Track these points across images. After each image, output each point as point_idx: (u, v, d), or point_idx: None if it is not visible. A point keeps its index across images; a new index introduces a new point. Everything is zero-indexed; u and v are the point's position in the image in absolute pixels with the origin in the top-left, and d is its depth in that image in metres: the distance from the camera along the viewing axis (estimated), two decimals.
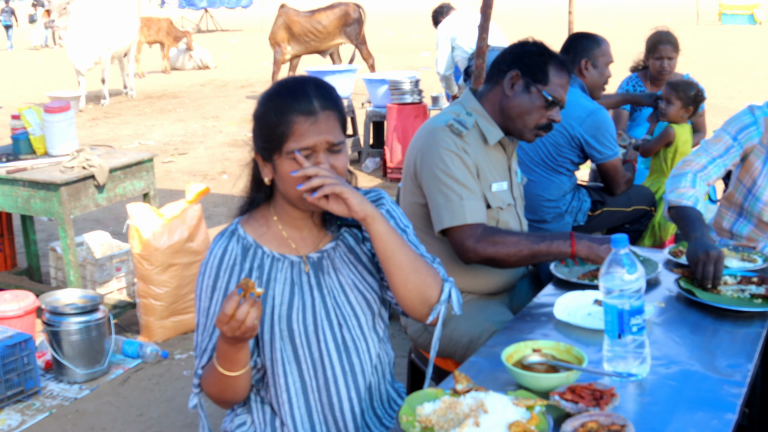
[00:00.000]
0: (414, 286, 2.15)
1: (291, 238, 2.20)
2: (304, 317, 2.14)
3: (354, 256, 2.25)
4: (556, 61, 3.01)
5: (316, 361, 2.16)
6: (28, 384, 4.23)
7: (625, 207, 4.43)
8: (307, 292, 2.16)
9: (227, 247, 2.14)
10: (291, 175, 2.04)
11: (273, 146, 2.07)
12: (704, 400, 2.08)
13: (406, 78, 9.06)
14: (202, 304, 2.15)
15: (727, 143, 3.34)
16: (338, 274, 2.21)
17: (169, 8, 39.10)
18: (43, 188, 4.80)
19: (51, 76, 20.30)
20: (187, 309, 4.98)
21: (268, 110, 2.08)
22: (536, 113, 3.01)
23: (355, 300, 2.21)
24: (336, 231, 2.24)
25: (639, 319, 2.16)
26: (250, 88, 17.41)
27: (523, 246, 2.88)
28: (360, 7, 14.81)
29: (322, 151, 2.05)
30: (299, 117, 2.03)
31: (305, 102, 2.04)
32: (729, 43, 22.38)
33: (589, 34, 4.54)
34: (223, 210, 7.98)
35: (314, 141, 2.03)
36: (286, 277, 2.16)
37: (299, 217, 2.19)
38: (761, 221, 3.33)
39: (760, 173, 3.31)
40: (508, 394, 1.99)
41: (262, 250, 2.16)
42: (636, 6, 37.99)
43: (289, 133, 2.03)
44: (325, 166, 2.04)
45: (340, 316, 2.18)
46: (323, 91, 2.09)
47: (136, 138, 11.93)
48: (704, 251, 2.78)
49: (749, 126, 3.33)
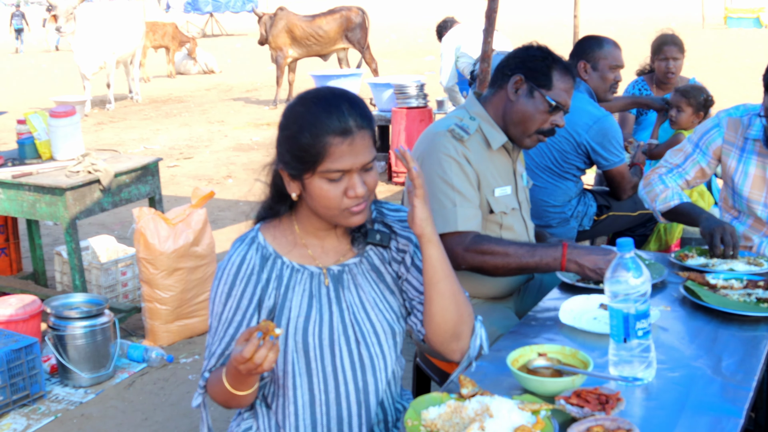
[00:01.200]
0: (451, 317, 2.13)
1: (312, 248, 2.16)
2: (321, 331, 2.10)
3: (377, 274, 2.21)
4: (560, 65, 3.01)
5: (329, 376, 2.13)
6: (34, 388, 4.23)
7: (631, 211, 4.43)
8: (325, 306, 2.12)
9: (246, 255, 2.11)
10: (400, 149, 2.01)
11: (305, 166, 2.00)
12: (710, 405, 2.07)
13: (412, 82, 9.07)
14: (215, 308, 2.13)
15: (687, 152, 3.51)
16: (359, 290, 2.17)
17: (174, 13, 39.17)
18: (49, 193, 4.80)
19: (57, 81, 20.34)
20: (193, 313, 4.99)
21: (301, 129, 1.99)
22: (540, 118, 3.00)
23: (375, 318, 2.17)
24: (362, 248, 2.20)
25: (645, 323, 2.16)
26: (255, 92, 17.44)
27: (511, 259, 2.86)
28: (363, 11, 14.83)
29: (356, 172, 2.00)
30: (336, 138, 1.96)
31: (341, 121, 1.97)
32: (735, 46, 22.35)
33: (595, 36, 4.53)
34: (229, 214, 7.99)
35: (351, 164, 1.98)
36: (304, 288, 2.12)
37: (323, 227, 2.15)
38: (757, 219, 3.37)
39: (735, 170, 3.39)
40: (514, 399, 1.98)
41: (281, 260, 2.13)
42: (641, 10, 37.96)
43: (325, 155, 1.96)
44: (362, 189, 2.00)
45: (358, 333, 2.14)
46: (357, 108, 2.02)
47: (142, 142, 11.95)
48: (719, 224, 3.04)
49: (710, 129, 3.46)
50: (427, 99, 9.08)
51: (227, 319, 2.11)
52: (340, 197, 2.00)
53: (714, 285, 2.81)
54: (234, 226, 7.55)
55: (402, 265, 2.22)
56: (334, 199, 2.00)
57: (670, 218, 3.47)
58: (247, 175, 9.72)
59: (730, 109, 3.47)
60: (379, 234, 2.18)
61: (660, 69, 5.54)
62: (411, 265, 2.21)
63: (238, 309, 2.10)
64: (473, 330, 2.20)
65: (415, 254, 2.21)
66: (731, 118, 3.41)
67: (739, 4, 29.64)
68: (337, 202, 2.01)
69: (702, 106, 4.88)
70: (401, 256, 2.22)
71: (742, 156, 3.37)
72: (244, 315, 2.10)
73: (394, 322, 2.20)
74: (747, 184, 3.36)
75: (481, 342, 2.21)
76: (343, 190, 2.00)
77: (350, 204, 2.01)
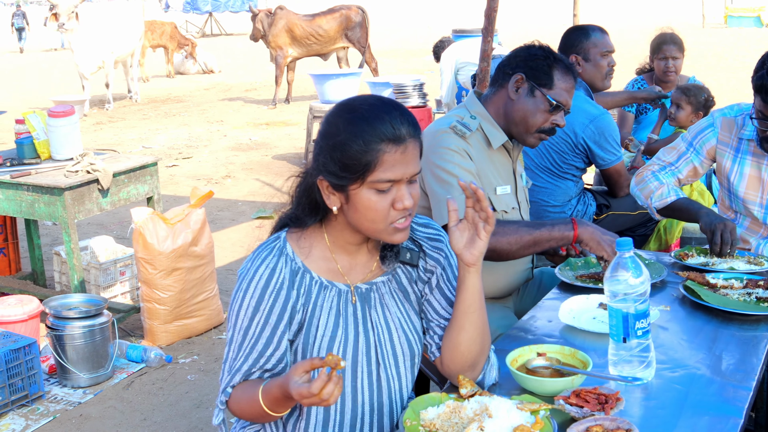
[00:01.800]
0: (475, 348, 2.10)
1: (341, 264, 2.09)
2: (344, 352, 2.06)
3: (404, 294, 2.17)
4: (561, 65, 3.00)
5: (347, 396, 2.08)
6: (32, 388, 4.22)
7: (631, 211, 4.42)
8: (351, 325, 2.07)
9: (275, 268, 2.02)
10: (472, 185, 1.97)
11: (354, 176, 1.92)
12: (710, 404, 2.07)
13: (411, 81, 9.06)
14: (240, 321, 2.03)
15: (680, 151, 3.50)
16: (385, 310, 2.12)
17: (173, 12, 39.14)
18: (47, 192, 4.79)
19: (57, 81, 20.34)
20: (191, 313, 4.98)
21: (353, 136, 1.91)
22: (540, 117, 2.99)
23: (398, 339, 2.13)
24: (392, 266, 2.14)
25: (644, 323, 2.15)
26: (255, 92, 17.43)
27: (523, 232, 2.87)
28: (363, 10, 14.82)
29: (404, 183, 1.95)
30: (389, 146, 1.90)
31: (395, 128, 1.91)
32: (735, 45, 22.34)
33: (579, 26, 4.52)
34: (228, 214, 7.98)
35: (402, 173, 1.92)
36: (331, 306, 2.06)
37: (355, 242, 2.08)
38: (754, 219, 3.35)
39: (730, 170, 3.38)
40: (513, 399, 1.98)
41: (310, 275, 2.05)
42: (641, 9, 37.96)
43: (377, 163, 1.90)
44: (409, 201, 1.94)
45: (380, 354, 2.10)
46: (408, 116, 1.96)
47: (141, 142, 11.95)
48: (720, 220, 3.04)
49: (705, 129, 3.45)
50: (426, 98, 9.08)
51: (255, 334, 2.02)
52: (388, 209, 1.94)
53: (714, 284, 2.81)
54: (233, 227, 7.55)
55: (427, 285, 2.19)
56: (381, 211, 1.94)
57: (666, 214, 3.47)
58: (246, 174, 9.71)
59: (724, 109, 3.45)
60: (410, 253, 2.14)
61: (659, 68, 5.53)
62: (435, 287, 2.18)
63: (266, 324, 2.01)
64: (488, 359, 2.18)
65: (441, 276, 2.18)
66: (725, 118, 3.40)
67: (739, 3, 29.64)
68: (384, 214, 1.94)
69: (702, 105, 4.87)
70: (428, 276, 2.19)
71: (737, 156, 3.35)
72: (273, 330, 2.01)
73: (415, 343, 2.17)
74: (742, 185, 3.34)
75: (496, 374, 2.20)
76: (390, 201, 1.94)
77: (397, 217, 1.96)
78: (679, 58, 5.48)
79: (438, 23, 27.70)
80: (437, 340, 2.18)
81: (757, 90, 3.09)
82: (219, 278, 5.59)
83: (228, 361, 2.07)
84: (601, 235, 2.85)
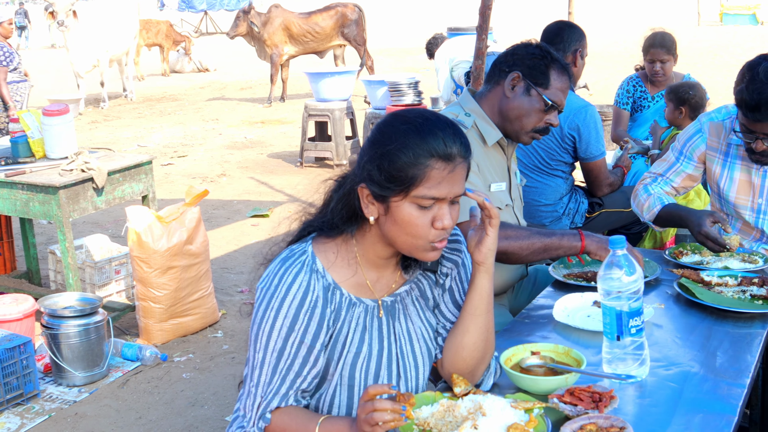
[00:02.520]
0: (478, 354, 2.09)
1: (369, 278, 2.05)
2: (368, 368, 2.03)
3: (425, 301, 2.15)
4: (558, 65, 2.99)
5: None
6: (28, 387, 4.22)
7: (624, 208, 4.42)
8: (375, 339, 2.04)
9: (309, 287, 1.96)
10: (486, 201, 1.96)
11: (398, 188, 1.88)
12: (704, 402, 2.07)
13: (406, 79, 9.05)
14: (273, 343, 1.96)
15: (670, 161, 3.49)
16: (408, 321, 2.10)
17: (168, 11, 39.06)
18: (42, 191, 4.79)
19: (53, 79, 20.29)
20: (187, 312, 4.97)
21: (403, 147, 1.87)
22: (535, 116, 2.99)
23: (419, 351, 2.11)
24: (414, 274, 2.12)
25: (638, 321, 2.15)
26: (250, 90, 17.41)
27: (535, 239, 2.88)
28: (359, 8, 14.82)
29: (447, 203, 1.91)
30: (438, 162, 1.87)
31: (448, 146, 1.88)
32: (731, 43, 22.35)
33: (572, 24, 4.54)
34: (223, 212, 7.98)
35: (446, 192, 1.89)
36: (358, 322, 2.02)
37: (385, 256, 2.03)
38: (745, 223, 3.33)
39: (720, 176, 3.35)
40: (507, 397, 1.98)
41: (340, 292, 2.00)
42: (637, 7, 37.95)
43: (423, 177, 1.86)
44: (449, 221, 1.91)
45: (401, 367, 2.08)
46: (462, 137, 1.92)
47: (136, 141, 11.93)
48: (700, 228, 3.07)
49: (693, 135, 3.43)
50: (421, 96, 9.07)
51: (290, 354, 1.95)
52: (428, 226, 1.90)
53: (708, 282, 2.81)
54: (228, 225, 7.54)
55: (441, 287, 2.18)
56: (421, 227, 1.90)
57: (661, 224, 3.44)
58: (242, 173, 9.71)
59: (711, 113, 3.42)
60: None
61: (648, 70, 5.56)
62: (447, 289, 2.17)
63: (302, 344, 1.95)
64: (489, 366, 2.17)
65: (455, 279, 2.16)
66: (713, 122, 3.37)
67: (734, 1, 29.61)
68: (424, 231, 1.91)
69: (683, 101, 4.89)
70: (443, 279, 2.17)
71: (727, 161, 3.33)
72: (310, 350, 1.96)
73: (434, 349, 2.16)
74: (733, 190, 3.32)
75: (495, 380, 2.20)
76: (430, 219, 1.90)
77: (436, 236, 1.92)
78: (668, 60, 5.46)
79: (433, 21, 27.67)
80: (440, 342, 2.17)
81: (738, 104, 3.05)
82: (214, 277, 5.58)
83: (261, 385, 1.98)
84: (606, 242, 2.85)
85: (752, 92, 2.95)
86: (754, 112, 2.98)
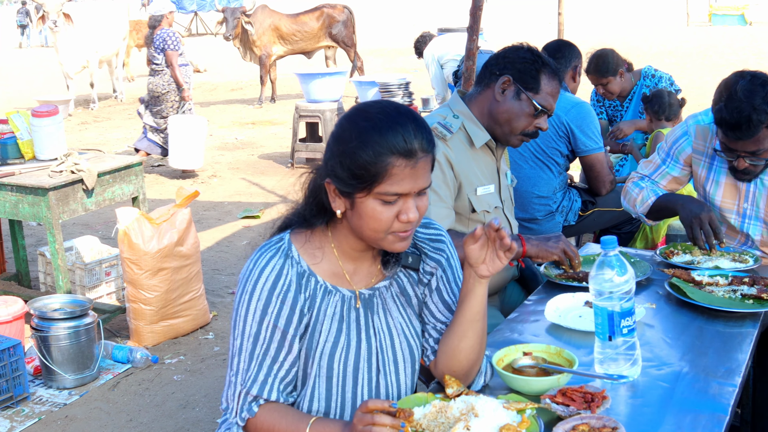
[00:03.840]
0: (473, 357, 2.10)
1: (346, 269, 2.06)
2: (347, 359, 2.03)
3: (406, 298, 2.15)
4: (548, 69, 2.98)
5: (347, 402, 2.05)
6: (17, 390, 4.20)
7: (616, 207, 4.44)
8: (353, 331, 2.05)
9: (282, 271, 1.98)
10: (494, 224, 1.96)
11: (361, 185, 1.89)
12: (696, 402, 2.07)
13: (396, 80, 9.07)
14: (248, 327, 1.98)
15: (656, 163, 3.48)
16: (387, 316, 2.10)
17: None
18: (32, 193, 4.77)
19: (42, 80, 20.23)
20: (178, 313, 4.96)
21: (363, 145, 1.87)
22: (524, 120, 2.98)
23: (399, 345, 2.11)
24: (393, 270, 2.12)
25: (629, 321, 2.16)
26: (240, 91, 17.39)
27: None
28: (348, 9, 14.82)
29: (412, 197, 1.91)
30: (399, 160, 1.86)
31: (408, 142, 1.86)
32: (720, 44, 22.43)
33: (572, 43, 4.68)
34: (214, 213, 7.96)
35: (409, 188, 1.88)
36: (335, 311, 2.03)
37: (360, 249, 2.05)
38: (731, 226, 3.32)
39: (706, 179, 3.33)
40: (499, 398, 1.98)
41: (315, 279, 2.02)
42: (625, 8, 38.07)
43: (385, 175, 1.86)
44: (415, 215, 1.91)
45: (380, 361, 2.08)
46: (424, 130, 1.91)
47: (126, 142, 11.89)
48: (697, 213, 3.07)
49: (680, 138, 3.40)
50: (412, 97, 9.09)
51: (266, 339, 1.97)
52: (392, 220, 1.91)
53: (699, 282, 2.82)
54: (219, 226, 7.53)
55: (427, 287, 2.17)
56: (385, 221, 1.91)
57: (655, 217, 3.45)
58: (233, 174, 9.69)
59: (698, 115, 3.39)
60: (411, 257, 2.12)
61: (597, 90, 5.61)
62: (434, 289, 2.16)
63: (276, 328, 1.97)
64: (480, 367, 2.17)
65: (441, 278, 2.16)
66: (699, 126, 3.34)
67: (723, 2, 29.71)
68: (387, 225, 1.91)
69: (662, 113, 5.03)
70: (428, 278, 2.17)
71: (713, 165, 3.30)
72: (284, 334, 1.97)
73: (416, 347, 2.15)
74: (719, 194, 3.29)
75: (485, 379, 2.20)
76: (395, 213, 1.91)
77: (400, 228, 1.93)
78: (608, 81, 5.41)
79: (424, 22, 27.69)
80: (432, 344, 2.17)
81: (717, 123, 3.02)
82: (205, 278, 5.57)
83: (240, 372, 2.00)
84: (545, 243, 2.95)
85: (731, 111, 2.93)
86: (734, 131, 2.96)
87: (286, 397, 2.00)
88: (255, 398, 1.99)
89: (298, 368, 2.02)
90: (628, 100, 5.58)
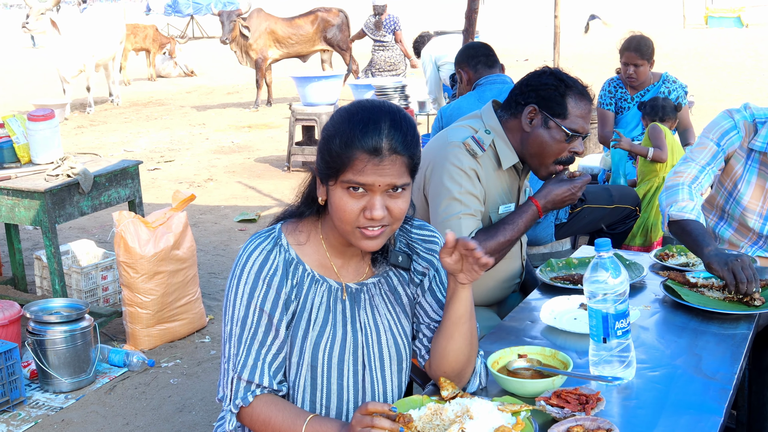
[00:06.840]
0: (464, 358, 2.11)
1: (334, 262, 2.11)
2: (332, 349, 2.06)
3: (395, 296, 2.17)
4: (574, 91, 2.87)
5: (333, 394, 2.07)
6: (14, 394, 4.19)
7: (607, 204, 4.45)
8: (339, 323, 2.07)
9: (269, 256, 2.04)
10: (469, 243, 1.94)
11: (331, 172, 1.95)
12: (691, 403, 2.08)
13: (392, 83, 9.07)
14: (237, 312, 2.03)
15: (713, 150, 3.29)
16: (375, 312, 2.13)
17: (154, 16, 39.00)
18: (28, 197, 4.76)
19: (37, 84, 20.22)
20: (174, 317, 4.96)
21: (334, 135, 1.94)
22: (557, 147, 2.88)
23: (386, 342, 2.13)
24: (383, 268, 2.15)
25: (624, 323, 2.16)
26: (236, 95, 17.38)
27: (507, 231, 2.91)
28: (344, 13, 14.84)
29: (379, 193, 1.93)
30: (363, 154, 1.90)
31: (374, 140, 1.90)
32: (716, 46, 22.45)
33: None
34: (210, 217, 7.96)
35: (373, 180, 1.91)
36: (322, 300, 2.07)
37: (345, 243, 2.07)
38: (742, 225, 3.31)
39: (741, 177, 3.28)
40: (494, 400, 1.98)
41: (303, 267, 2.07)
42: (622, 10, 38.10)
43: (349, 164, 1.91)
44: (380, 213, 1.93)
45: (366, 357, 2.10)
46: (398, 131, 1.93)
47: (122, 146, 11.89)
48: (735, 257, 2.71)
49: (730, 131, 3.28)
50: (408, 100, 9.09)
51: (254, 323, 2.02)
52: (357, 213, 1.94)
53: (694, 284, 2.82)
54: (216, 230, 7.52)
55: (419, 287, 2.19)
56: (350, 213, 1.94)
57: (675, 231, 3.13)
58: (229, 177, 9.69)
59: (740, 110, 3.29)
60: (401, 256, 2.15)
61: (623, 72, 5.60)
62: (427, 289, 2.18)
63: (263, 312, 2.02)
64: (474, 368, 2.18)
65: (433, 279, 2.18)
66: (746, 122, 3.25)
67: (719, 4, 29.77)
68: (353, 217, 1.94)
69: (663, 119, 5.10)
70: (420, 278, 2.19)
71: (747, 163, 3.25)
72: (270, 318, 2.02)
73: (403, 347, 2.16)
74: (748, 193, 3.26)
75: (480, 380, 2.20)
76: (361, 207, 1.94)
77: (364, 224, 1.95)
78: (642, 64, 5.48)
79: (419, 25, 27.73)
80: (426, 343, 2.18)
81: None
82: (201, 282, 5.57)
83: (230, 358, 2.03)
84: (555, 190, 2.94)
85: None
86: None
87: (278, 386, 2.03)
88: (248, 384, 2.01)
89: (286, 354, 2.05)
90: (640, 95, 5.59)
